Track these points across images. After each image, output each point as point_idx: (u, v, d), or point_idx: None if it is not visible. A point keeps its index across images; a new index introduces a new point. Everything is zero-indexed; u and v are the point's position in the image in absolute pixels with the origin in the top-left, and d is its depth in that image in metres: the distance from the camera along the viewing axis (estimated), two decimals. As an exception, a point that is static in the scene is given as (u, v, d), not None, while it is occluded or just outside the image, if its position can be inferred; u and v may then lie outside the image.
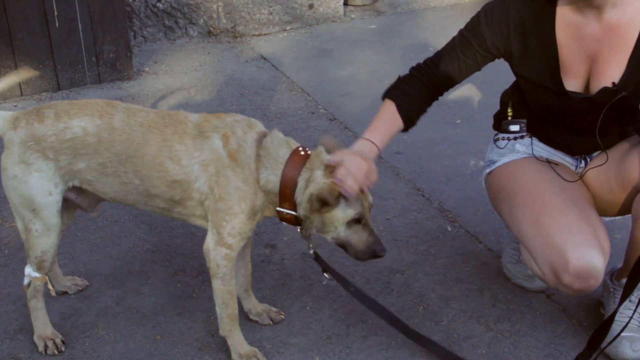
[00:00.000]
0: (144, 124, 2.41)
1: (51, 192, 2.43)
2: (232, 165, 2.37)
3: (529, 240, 2.47)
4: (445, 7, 5.81)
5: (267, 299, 2.85)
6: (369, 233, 2.37)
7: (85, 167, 2.42)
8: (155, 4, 5.05)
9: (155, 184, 2.41)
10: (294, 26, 5.45)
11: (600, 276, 2.35)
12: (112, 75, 4.58)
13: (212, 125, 2.41)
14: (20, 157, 2.40)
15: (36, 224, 2.45)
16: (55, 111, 2.42)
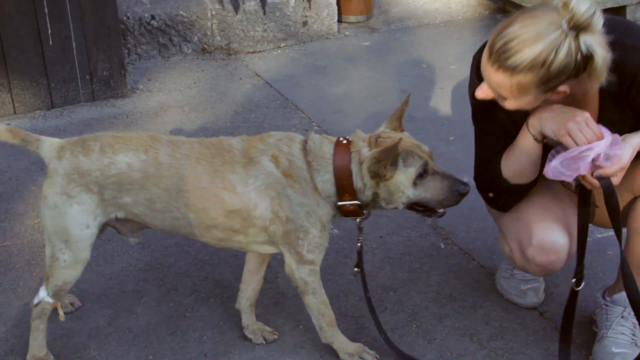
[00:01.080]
0: (190, 157, 2.40)
1: (89, 226, 2.41)
2: (289, 183, 2.38)
3: (502, 218, 2.63)
4: (439, 24, 5.84)
5: (260, 317, 2.84)
6: (442, 177, 2.37)
7: (132, 201, 2.41)
8: (150, 21, 5.07)
9: (213, 216, 2.41)
10: (288, 43, 5.47)
11: (563, 253, 2.49)
12: (106, 93, 4.58)
13: (258, 150, 2.41)
14: (63, 188, 2.38)
15: (65, 255, 2.43)
16: (100, 145, 2.40)
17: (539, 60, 2.11)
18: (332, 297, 2.93)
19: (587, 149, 2.21)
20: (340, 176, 2.38)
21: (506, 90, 2.21)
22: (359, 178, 2.38)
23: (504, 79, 2.18)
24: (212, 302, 2.93)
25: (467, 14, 5.99)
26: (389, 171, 2.32)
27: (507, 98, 2.25)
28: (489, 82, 2.25)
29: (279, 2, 5.36)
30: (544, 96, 2.24)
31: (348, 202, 2.40)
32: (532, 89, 2.19)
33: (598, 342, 2.61)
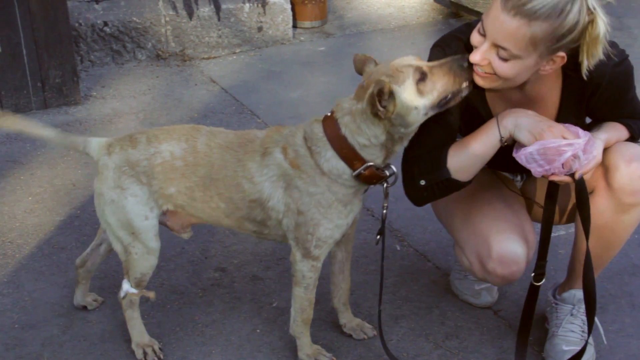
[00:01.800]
0: (222, 145, 2.45)
1: (147, 217, 2.48)
2: (297, 174, 2.37)
3: (458, 232, 2.60)
4: (393, 28, 5.89)
5: (217, 322, 2.84)
6: (440, 67, 2.28)
7: (176, 191, 2.47)
8: (102, 28, 5.02)
9: (239, 206, 2.46)
10: (243, 49, 5.47)
11: (522, 263, 2.49)
12: (58, 100, 4.53)
13: (273, 140, 2.43)
14: (115, 182, 2.46)
15: (136, 247, 2.50)
16: (147, 136, 2.49)
17: (558, 7, 2.10)
18: (288, 300, 2.92)
19: (567, 144, 2.23)
20: (339, 146, 2.32)
21: (516, 43, 2.15)
22: (356, 136, 2.30)
23: (519, 27, 2.13)
24: (168, 308, 2.92)
25: (420, 19, 6.05)
26: (389, 104, 2.22)
27: (509, 58, 2.19)
28: (498, 34, 2.17)
29: (233, 7, 5.36)
30: (544, 61, 2.21)
31: (361, 167, 2.33)
32: (541, 45, 2.15)
33: (549, 340, 2.66)
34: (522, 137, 2.28)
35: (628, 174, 2.35)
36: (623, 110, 2.44)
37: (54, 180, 3.79)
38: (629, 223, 2.46)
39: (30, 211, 3.53)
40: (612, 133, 2.40)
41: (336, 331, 2.79)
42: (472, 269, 2.57)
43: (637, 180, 2.36)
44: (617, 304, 2.95)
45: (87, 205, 3.57)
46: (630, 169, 2.35)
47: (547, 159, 2.25)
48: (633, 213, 2.43)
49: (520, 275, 2.53)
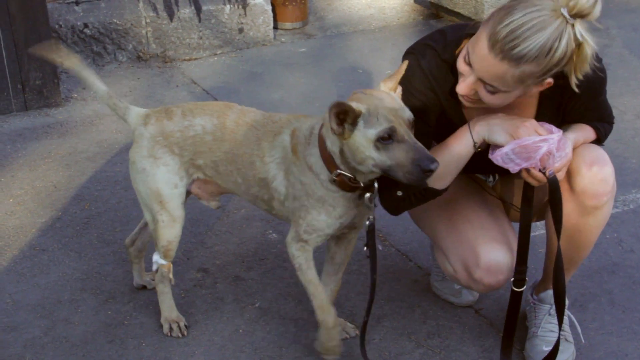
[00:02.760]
0: (247, 123, 2.51)
1: (176, 185, 2.58)
2: (294, 160, 2.40)
3: (442, 239, 2.59)
4: (374, 29, 5.91)
5: (199, 323, 2.84)
6: (408, 147, 2.15)
7: (204, 164, 2.56)
8: (83, 29, 5.01)
9: (251, 183, 2.52)
10: (225, 50, 5.47)
11: (508, 272, 2.51)
12: (39, 102, 4.51)
13: (288, 122, 2.47)
14: (149, 151, 2.56)
15: (163, 215, 2.59)
16: (182, 110, 2.58)
17: (545, 49, 2.08)
18: (271, 301, 2.95)
19: (542, 140, 2.24)
20: (322, 146, 2.32)
21: (504, 83, 2.16)
22: (327, 139, 2.30)
23: (507, 70, 2.12)
24: (150, 309, 2.91)
25: (401, 20, 6.08)
26: (347, 130, 2.19)
27: (496, 92, 2.20)
28: (485, 73, 2.17)
29: (214, 9, 5.36)
30: (533, 88, 2.22)
31: (333, 173, 2.31)
32: (530, 80, 2.16)
33: (529, 340, 2.69)
34: (499, 138, 2.29)
35: (589, 178, 2.38)
36: (594, 113, 2.47)
37: (35, 182, 3.78)
38: (595, 225, 2.48)
39: (11, 213, 3.52)
40: (580, 133, 2.43)
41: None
42: (457, 277, 2.57)
43: (598, 184, 2.38)
44: (597, 302, 2.98)
45: (68, 207, 3.56)
46: (591, 172, 2.38)
47: (523, 157, 2.27)
48: (597, 215, 2.45)
49: (505, 283, 2.55)
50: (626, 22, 6.06)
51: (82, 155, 4.04)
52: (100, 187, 3.74)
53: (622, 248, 3.31)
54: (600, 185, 2.39)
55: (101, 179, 3.81)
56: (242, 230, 3.41)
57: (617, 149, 4.10)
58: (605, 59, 4.58)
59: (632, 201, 3.65)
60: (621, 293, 3.03)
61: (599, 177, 2.38)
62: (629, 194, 3.70)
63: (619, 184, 3.72)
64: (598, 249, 3.27)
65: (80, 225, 3.44)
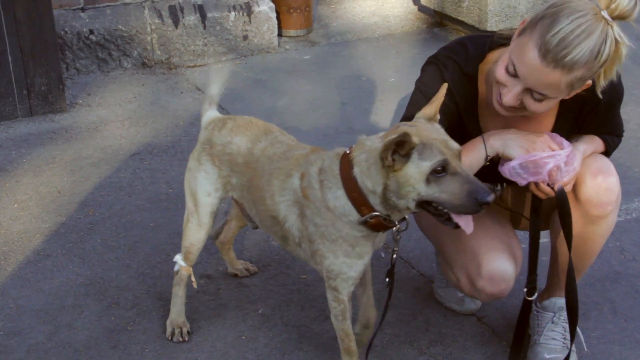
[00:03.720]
0: (269, 156, 2.48)
1: (210, 194, 2.64)
2: (306, 204, 2.32)
3: (446, 248, 2.61)
4: (378, 37, 5.92)
5: (202, 329, 2.85)
6: (462, 180, 2.10)
7: (236, 183, 2.59)
8: (88, 36, 5.03)
9: (263, 217, 2.52)
10: (229, 57, 5.49)
11: (511, 281, 2.51)
12: (44, 108, 4.53)
13: (298, 164, 2.39)
14: (198, 154, 2.65)
15: (194, 217, 2.69)
16: (234, 124, 2.61)
17: (594, 53, 2.12)
18: (274, 307, 2.96)
19: (550, 155, 2.26)
20: (349, 187, 2.21)
21: (556, 90, 2.18)
22: (365, 178, 2.19)
23: (560, 77, 2.15)
24: (154, 315, 2.92)
25: (405, 28, 6.10)
26: (398, 162, 2.11)
27: (544, 99, 2.21)
28: (537, 82, 2.17)
29: (219, 16, 5.38)
30: (576, 91, 2.25)
31: (367, 215, 2.22)
32: (578, 84, 2.19)
33: (531, 348, 2.69)
34: (513, 152, 2.30)
35: (594, 187, 2.38)
36: (607, 126, 2.49)
37: (40, 187, 3.79)
38: (600, 234, 2.49)
39: (16, 218, 3.53)
40: (590, 145, 2.45)
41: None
42: (460, 286, 2.58)
43: (602, 193, 2.39)
44: (599, 310, 2.99)
45: (72, 213, 3.57)
46: (596, 182, 2.39)
47: (530, 172, 2.29)
48: (602, 224, 2.46)
49: (508, 292, 2.54)
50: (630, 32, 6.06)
51: (87, 161, 4.05)
52: (104, 192, 3.75)
53: (625, 257, 3.31)
54: (605, 195, 2.39)
55: (105, 184, 3.82)
56: (245, 236, 3.42)
57: (620, 158, 4.10)
58: (608, 68, 4.46)
59: (635, 210, 3.65)
60: (624, 302, 3.03)
61: (604, 186, 2.39)
62: (632, 203, 3.71)
63: (622, 192, 3.73)
64: (600, 258, 3.27)
65: (84, 230, 3.45)
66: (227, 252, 3.10)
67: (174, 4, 5.29)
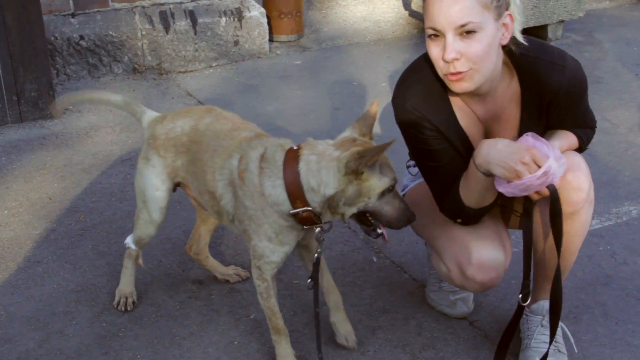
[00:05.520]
0: (216, 132, 2.59)
1: (158, 188, 2.72)
2: (240, 185, 2.44)
3: (436, 239, 2.63)
4: (369, 42, 5.94)
5: (194, 334, 2.84)
6: (400, 200, 2.37)
7: (181, 164, 2.67)
8: (78, 41, 5.02)
9: (201, 191, 2.62)
10: (220, 62, 5.49)
11: (501, 270, 2.54)
12: (34, 114, 4.52)
13: (239, 146, 2.50)
14: (145, 152, 2.73)
15: (144, 214, 2.78)
16: (174, 114, 2.73)
17: None
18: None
19: (543, 174, 2.24)
20: (290, 181, 2.34)
21: (473, 13, 2.23)
22: (310, 177, 2.31)
23: (465, 1, 2.22)
24: (145, 321, 2.92)
25: (396, 33, 6.11)
26: (366, 172, 2.27)
27: (474, 30, 2.24)
28: (453, 17, 2.24)
29: (210, 21, 5.38)
30: (499, 25, 2.28)
31: (300, 209, 2.35)
32: (490, 6, 2.24)
33: (522, 351, 2.69)
34: (498, 173, 2.31)
35: (563, 186, 2.39)
36: (577, 118, 2.50)
37: (30, 193, 3.78)
38: (574, 231, 2.50)
39: (6, 225, 3.52)
40: (564, 141, 2.46)
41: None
42: (451, 276, 2.60)
43: (572, 192, 2.40)
44: (590, 314, 2.99)
45: (63, 219, 3.56)
46: (565, 180, 2.39)
47: (527, 190, 2.29)
48: (575, 221, 2.47)
49: (498, 281, 2.57)
50: (619, 36, 6.10)
51: (77, 167, 4.04)
52: (95, 198, 3.74)
53: (615, 260, 3.32)
54: (574, 193, 2.41)
55: (96, 190, 3.81)
56: (236, 242, 3.41)
57: (610, 162, 4.12)
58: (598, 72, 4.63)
59: (625, 214, 3.67)
60: (614, 305, 3.04)
61: (573, 184, 2.40)
62: (622, 207, 3.72)
63: (612, 196, 3.76)
64: (591, 262, 3.29)
65: (75, 237, 3.44)
66: (206, 261, 3.10)
67: (165, 9, 5.29)
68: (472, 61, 2.29)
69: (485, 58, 2.29)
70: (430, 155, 2.49)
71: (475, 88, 2.35)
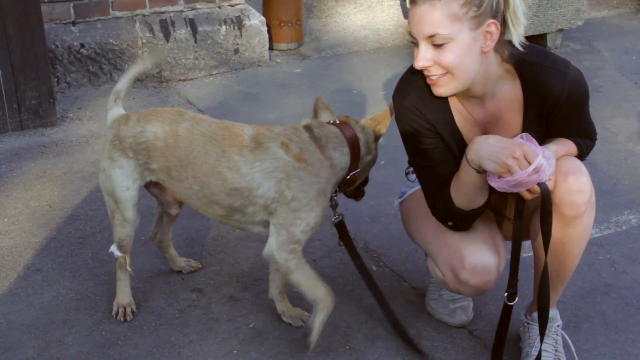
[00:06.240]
0: (204, 134, 2.65)
1: (129, 188, 2.74)
2: (302, 166, 2.58)
3: (430, 244, 2.65)
4: (369, 51, 5.95)
5: (194, 343, 2.84)
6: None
7: (157, 168, 2.71)
8: (79, 50, 5.03)
9: (214, 192, 2.64)
10: (220, 71, 5.50)
11: (494, 274, 2.54)
12: (34, 122, 4.53)
13: (266, 137, 2.63)
14: (109, 153, 2.75)
15: (117, 214, 2.80)
16: (139, 116, 2.74)
17: None
18: (265, 321, 2.96)
19: (534, 171, 2.25)
20: (354, 147, 2.67)
21: (440, 24, 2.25)
22: (363, 146, 2.71)
23: (435, 11, 2.24)
24: (145, 330, 2.91)
25: (396, 41, 6.13)
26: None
27: (444, 42, 2.27)
28: (422, 27, 2.28)
29: (210, 30, 5.39)
30: (479, 35, 2.28)
31: (355, 171, 2.71)
32: (464, 16, 2.24)
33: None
34: (489, 167, 2.32)
35: (565, 188, 2.39)
36: (578, 127, 2.50)
37: (30, 201, 3.78)
38: (577, 236, 2.49)
39: (6, 233, 3.52)
40: (561, 147, 2.46)
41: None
42: (445, 281, 2.61)
43: (574, 194, 2.40)
44: (590, 323, 2.99)
45: (63, 227, 3.56)
46: (567, 183, 2.39)
47: (518, 187, 2.30)
48: (578, 225, 2.47)
49: (493, 285, 2.57)
50: (618, 45, 6.12)
51: (77, 175, 4.05)
52: (95, 206, 3.75)
53: (615, 269, 3.32)
54: (577, 196, 2.41)
55: (96, 198, 3.82)
56: (236, 250, 3.42)
57: (609, 171, 4.12)
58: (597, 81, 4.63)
59: (625, 222, 3.67)
60: (614, 314, 3.04)
61: (575, 187, 2.40)
62: (622, 215, 3.72)
63: (612, 205, 3.76)
64: (591, 270, 3.29)
65: (74, 245, 3.44)
66: (167, 249, 3.18)
67: (165, 17, 5.30)
68: (445, 69, 2.33)
69: (459, 66, 2.32)
70: (425, 154, 2.51)
71: (452, 93, 2.39)
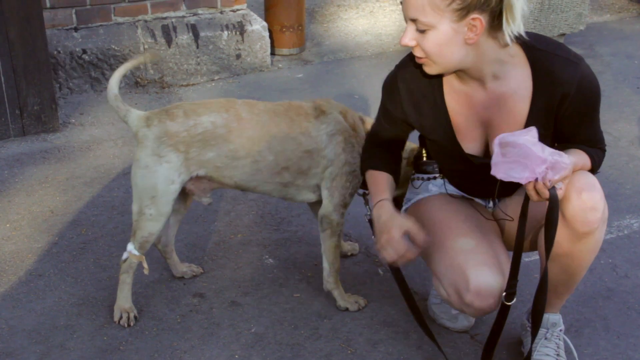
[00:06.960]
0: (268, 111, 2.85)
1: (174, 181, 2.79)
2: (354, 135, 2.90)
3: (435, 264, 2.62)
4: (370, 55, 5.96)
5: (195, 348, 2.84)
6: None
7: (215, 155, 2.79)
8: (81, 55, 5.04)
9: (289, 157, 2.84)
10: (222, 76, 5.51)
11: (499, 296, 2.51)
12: (36, 128, 4.54)
13: (327, 106, 2.91)
14: (154, 150, 2.75)
15: (151, 209, 2.80)
16: (184, 110, 2.79)
17: None
18: (267, 326, 2.96)
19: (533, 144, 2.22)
20: None
21: (421, 10, 2.31)
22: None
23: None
24: (146, 335, 2.91)
25: (397, 47, 6.13)
26: None
27: (425, 29, 2.34)
28: (407, 10, 2.36)
29: (212, 35, 5.40)
30: (462, 27, 2.30)
31: None
32: (446, 9, 2.28)
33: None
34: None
35: (579, 205, 2.38)
36: (587, 130, 2.49)
37: (32, 207, 3.79)
38: (587, 250, 2.48)
39: (8, 238, 3.52)
40: (579, 159, 2.43)
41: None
42: (450, 300, 2.58)
43: (588, 212, 2.38)
44: (592, 327, 2.99)
45: (65, 232, 3.57)
46: (581, 199, 2.37)
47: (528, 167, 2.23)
48: (589, 241, 2.45)
49: (497, 306, 2.54)
50: (620, 49, 6.12)
51: (80, 180, 4.05)
52: (97, 212, 3.75)
53: (617, 273, 3.32)
54: (590, 213, 2.39)
55: (98, 204, 3.82)
56: (238, 255, 3.42)
57: (611, 175, 4.12)
58: (598, 85, 4.50)
59: (627, 227, 3.67)
60: (616, 318, 3.04)
61: (589, 204, 2.38)
62: (624, 220, 3.72)
63: (614, 209, 3.75)
64: (593, 275, 3.28)
65: (76, 250, 3.45)
66: (170, 254, 3.20)
67: (167, 23, 5.31)
68: (423, 49, 2.39)
69: (438, 54, 2.37)
70: (386, 115, 2.75)
71: (437, 74, 2.47)
